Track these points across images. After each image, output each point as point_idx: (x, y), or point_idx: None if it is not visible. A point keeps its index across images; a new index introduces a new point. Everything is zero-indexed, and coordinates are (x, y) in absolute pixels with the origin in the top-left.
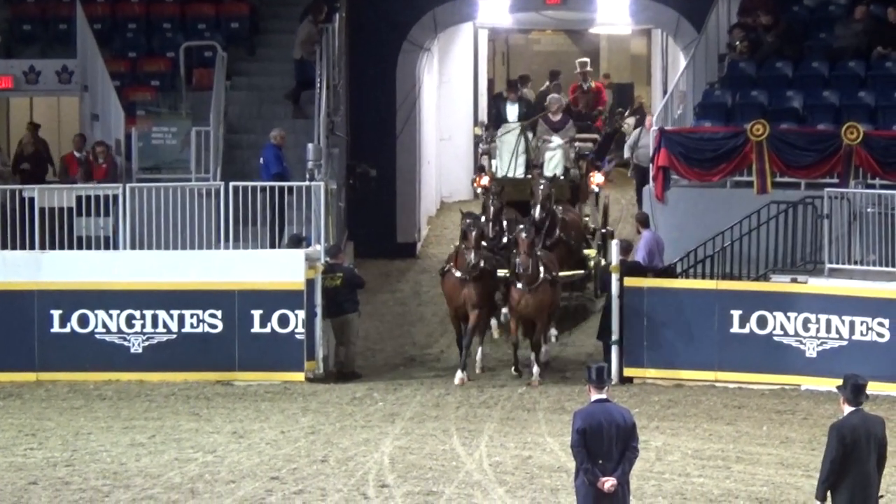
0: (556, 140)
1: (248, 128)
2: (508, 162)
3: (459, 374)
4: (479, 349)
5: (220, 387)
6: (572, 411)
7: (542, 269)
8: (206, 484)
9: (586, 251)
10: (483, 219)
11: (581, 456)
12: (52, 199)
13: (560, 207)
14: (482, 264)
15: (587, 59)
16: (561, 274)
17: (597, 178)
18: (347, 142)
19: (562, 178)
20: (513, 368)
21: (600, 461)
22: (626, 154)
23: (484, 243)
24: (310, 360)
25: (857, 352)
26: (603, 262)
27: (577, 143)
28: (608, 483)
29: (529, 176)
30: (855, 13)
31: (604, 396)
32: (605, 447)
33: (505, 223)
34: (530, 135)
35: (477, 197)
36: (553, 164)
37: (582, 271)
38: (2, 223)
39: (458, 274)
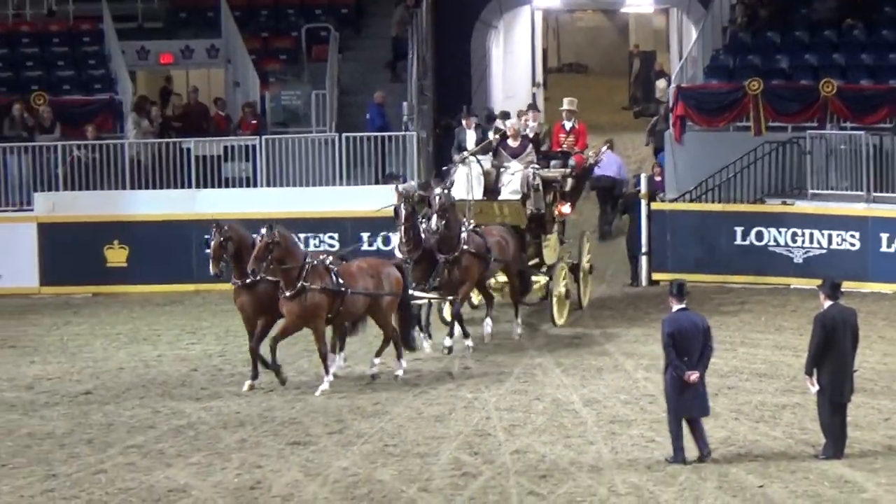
0: (515, 165)
1: (356, 90)
2: (466, 189)
3: (249, 382)
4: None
5: None
6: (612, 310)
7: (304, 277)
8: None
9: (535, 279)
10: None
11: (671, 355)
12: (205, 149)
13: (472, 223)
14: (255, 276)
15: (574, 99)
16: (421, 294)
17: (564, 209)
18: (434, 100)
19: (517, 199)
20: (279, 380)
21: (685, 358)
22: (645, 139)
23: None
24: None
25: (835, 258)
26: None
27: (539, 170)
28: (693, 376)
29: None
30: None
31: (683, 306)
32: (690, 346)
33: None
34: (486, 161)
35: None
36: (510, 188)
37: (451, 297)
38: (165, 168)
39: (233, 280)
